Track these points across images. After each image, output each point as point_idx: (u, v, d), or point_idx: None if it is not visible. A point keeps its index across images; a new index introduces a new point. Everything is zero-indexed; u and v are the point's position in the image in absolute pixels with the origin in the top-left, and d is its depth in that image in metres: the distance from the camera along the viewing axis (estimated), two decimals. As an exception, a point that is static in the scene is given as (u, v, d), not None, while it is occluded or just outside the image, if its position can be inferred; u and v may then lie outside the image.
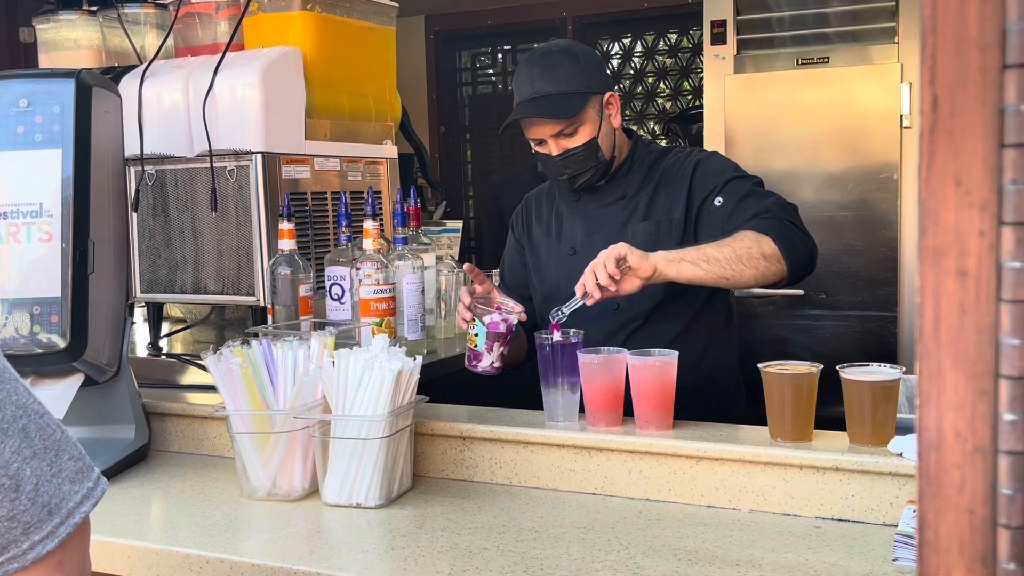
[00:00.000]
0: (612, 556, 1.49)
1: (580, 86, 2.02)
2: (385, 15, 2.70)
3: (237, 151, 2.31)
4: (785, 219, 1.93)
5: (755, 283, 1.90)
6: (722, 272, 1.84)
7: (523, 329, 2.14)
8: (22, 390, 0.87)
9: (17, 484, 0.83)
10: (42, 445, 0.85)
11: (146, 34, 2.75)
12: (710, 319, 2.12)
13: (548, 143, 2.05)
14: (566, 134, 2.02)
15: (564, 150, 2.04)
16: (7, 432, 0.83)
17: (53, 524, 0.85)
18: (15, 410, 0.84)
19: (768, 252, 1.86)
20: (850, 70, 3.34)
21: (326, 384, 1.75)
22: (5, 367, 0.86)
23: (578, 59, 2.06)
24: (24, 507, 0.83)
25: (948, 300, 0.46)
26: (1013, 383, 0.44)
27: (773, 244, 1.87)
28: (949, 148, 0.45)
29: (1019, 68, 0.43)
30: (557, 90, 2.01)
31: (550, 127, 2.02)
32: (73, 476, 0.88)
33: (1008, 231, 0.44)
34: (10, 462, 0.82)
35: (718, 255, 1.85)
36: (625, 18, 5.13)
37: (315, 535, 1.66)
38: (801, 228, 1.96)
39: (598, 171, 2.08)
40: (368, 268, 2.21)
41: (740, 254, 1.85)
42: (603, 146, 2.05)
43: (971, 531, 0.46)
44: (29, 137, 1.84)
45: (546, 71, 2.04)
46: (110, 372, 1.99)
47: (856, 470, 1.60)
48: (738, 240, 1.88)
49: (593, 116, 2.04)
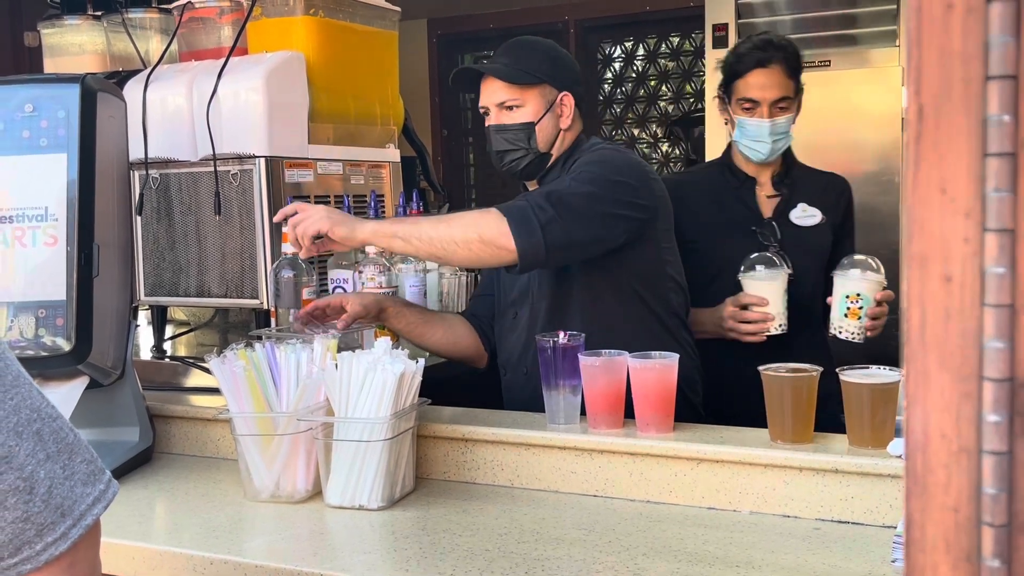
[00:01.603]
0: (613, 557, 1.50)
1: (536, 71, 2.07)
2: (388, 19, 2.71)
3: (241, 155, 2.32)
4: (535, 205, 1.89)
5: (471, 264, 1.95)
6: (432, 250, 1.89)
7: (480, 326, 2.22)
8: (36, 394, 0.88)
9: (31, 486, 0.84)
10: (55, 448, 0.87)
11: (150, 39, 2.76)
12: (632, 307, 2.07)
13: (492, 113, 2.09)
14: (507, 107, 2.06)
15: (500, 123, 2.08)
16: (22, 435, 0.84)
17: (66, 526, 0.86)
18: (30, 413, 0.85)
19: (488, 236, 1.85)
20: (851, 73, 3.35)
21: (329, 387, 1.76)
22: (20, 371, 0.88)
23: (546, 51, 2.12)
24: (38, 509, 0.84)
25: (934, 305, 0.47)
26: (997, 385, 0.46)
27: (500, 227, 1.85)
28: (934, 157, 0.46)
29: (1002, 80, 0.44)
30: (516, 64, 2.07)
31: (494, 91, 2.07)
32: (85, 479, 0.89)
33: (992, 237, 0.46)
34: (24, 464, 0.83)
35: (432, 233, 1.87)
36: (627, 21, 5.14)
37: (318, 537, 1.67)
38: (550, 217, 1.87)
39: (527, 158, 2.08)
40: (370, 271, 2.23)
41: (455, 235, 1.86)
42: (539, 136, 2.07)
43: (956, 529, 0.47)
44: (34, 141, 1.86)
45: (516, 48, 2.12)
46: (114, 375, 2.01)
47: (856, 472, 1.61)
48: (461, 219, 1.92)
49: (539, 103, 2.07)
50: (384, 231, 1.90)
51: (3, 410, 0.83)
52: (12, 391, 0.85)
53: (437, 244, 1.86)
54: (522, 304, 2.13)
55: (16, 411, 0.84)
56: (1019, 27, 0.44)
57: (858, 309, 2.08)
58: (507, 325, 2.18)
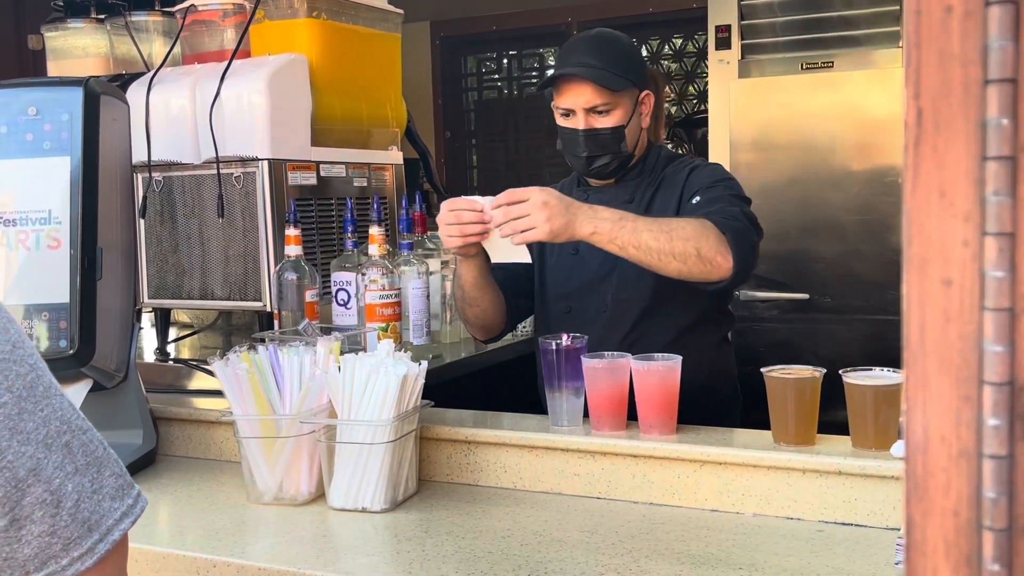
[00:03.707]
0: (616, 560, 1.50)
1: (627, 72, 2.04)
2: (391, 22, 2.72)
3: (244, 158, 2.33)
4: (749, 224, 1.90)
5: (674, 276, 1.84)
6: (647, 260, 1.80)
7: (507, 299, 2.14)
8: (67, 406, 0.87)
9: (59, 500, 0.82)
10: (84, 461, 0.85)
11: (153, 42, 2.76)
12: (705, 328, 2.11)
13: (577, 116, 2.03)
14: (599, 111, 2.01)
15: (591, 127, 2.02)
16: (51, 447, 0.83)
17: (92, 541, 0.84)
18: (59, 425, 0.84)
19: (706, 253, 1.80)
20: (855, 74, 3.35)
21: (332, 389, 1.76)
22: (52, 382, 0.86)
23: (630, 50, 2.11)
24: (65, 523, 0.83)
25: (933, 308, 0.47)
26: (996, 389, 0.46)
27: (720, 245, 1.81)
28: (933, 160, 0.46)
29: (1000, 83, 0.44)
30: (607, 66, 2.01)
31: (589, 96, 2.00)
32: (114, 493, 0.88)
33: (991, 241, 0.45)
34: (52, 477, 0.82)
35: (652, 244, 1.79)
36: (630, 23, 5.14)
37: (321, 539, 1.68)
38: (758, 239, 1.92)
39: (615, 161, 2.06)
40: (374, 274, 2.23)
41: (675, 249, 1.79)
42: (628, 138, 2.05)
43: (956, 533, 0.47)
44: (38, 145, 1.86)
45: (599, 46, 2.05)
46: (118, 377, 2.01)
47: (859, 474, 1.60)
48: (679, 230, 1.82)
49: (628, 105, 2.04)
50: (603, 234, 1.80)
51: (33, 422, 0.82)
52: (43, 402, 0.84)
53: (654, 255, 1.79)
54: (584, 299, 2.09)
55: (46, 423, 0.83)
56: (1018, 30, 0.44)
57: None
58: (555, 316, 2.13)
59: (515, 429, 1.88)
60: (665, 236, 1.80)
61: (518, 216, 1.79)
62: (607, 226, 1.81)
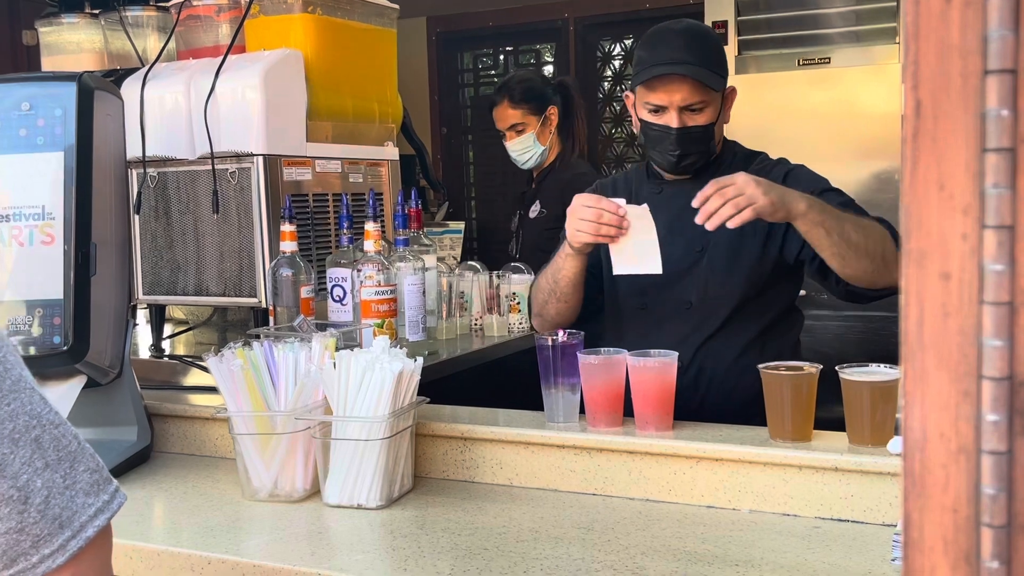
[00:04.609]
0: (612, 556, 1.50)
1: (720, 69, 2.02)
2: (386, 17, 2.71)
3: (239, 153, 2.32)
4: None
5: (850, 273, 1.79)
6: (841, 252, 1.76)
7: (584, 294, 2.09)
8: (37, 400, 0.85)
9: (26, 496, 0.81)
10: (56, 456, 0.84)
11: (148, 37, 2.75)
12: (784, 324, 2.08)
13: (670, 113, 1.98)
14: (694, 109, 1.98)
15: (685, 125, 1.98)
16: (18, 443, 0.81)
17: (64, 537, 0.83)
18: (28, 420, 0.83)
19: (889, 257, 1.77)
20: (852, 70, 3.35)
21: (327, 385, 1.76)
22: (22, 375, 0.85)
23: (719, 46, 2.08)
24: (33, 519, 0.81)
25: (931, 302, 0.47)
26: (995, 384, 0.45)
27: (896, 252, 1.76)
28: (932, 153, 0.46)
29: (1000, 73, 0.44)
30: (704, 63, 1.98)
31: (686, 93, 1.96)
32: (88, 488, 0.86)
33: (990, 234, 0.45)
34: (19, 473, 0.81)
35: (853, 237, 1.75)
36: (627, 19, 5.14)
37: (316, 536, 1.67)
38: None
39: (703, 158, 2.04)
40: (369, 270, 2.22)
41: (870, 248, 1.76)
42: (716, 135, 2.04)
43: (955, 530, 0.46)
44: (31, 140, 1.85)
45: (695, 42, 2.02)
46: (112, 374, 2.00)
47: (855, 470, 1.60)
48: (872, 230, 1.78)
49: (718, 102, 2.02)
50: (814, 214, 1.75)
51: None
52: (10, 396, 0.82)
53: (851, 249, 1.76)
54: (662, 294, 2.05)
55: (12, 417, 0.82)
56: (1018, 21, 0.44)
57: None
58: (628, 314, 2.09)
59: (511, 425, 1.87)
60: (861, 232, 1.77)
61: (734, 196, 1.74)
62: (818, 207, 1.77)
